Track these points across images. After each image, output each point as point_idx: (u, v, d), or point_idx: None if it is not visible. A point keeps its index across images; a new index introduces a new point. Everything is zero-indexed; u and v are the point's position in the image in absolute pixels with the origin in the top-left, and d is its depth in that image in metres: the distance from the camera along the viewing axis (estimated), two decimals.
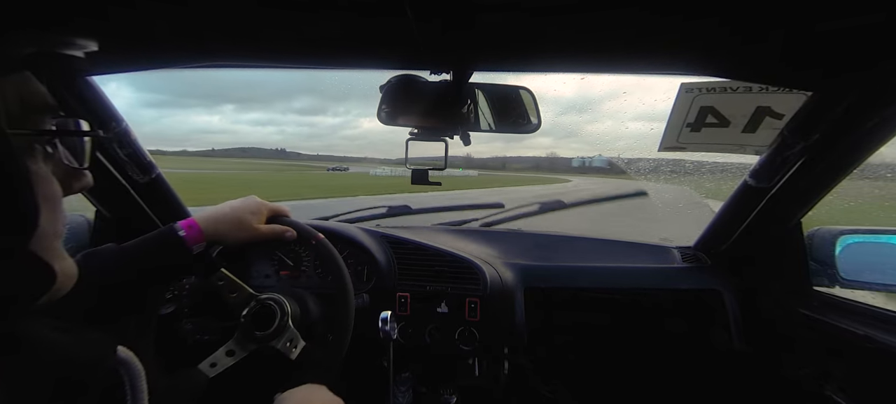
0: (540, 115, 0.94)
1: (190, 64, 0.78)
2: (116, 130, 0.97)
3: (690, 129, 0.95)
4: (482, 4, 0.51)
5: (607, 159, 73.62)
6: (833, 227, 1.07)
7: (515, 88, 0.92)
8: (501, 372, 1.20)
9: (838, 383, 0.95)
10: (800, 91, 0.81)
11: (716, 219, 1.20)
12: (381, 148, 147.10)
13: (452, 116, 0.87)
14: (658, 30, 0.58)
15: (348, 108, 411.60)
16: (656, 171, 1.73)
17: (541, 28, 0.59)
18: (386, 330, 0.95)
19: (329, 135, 34.46)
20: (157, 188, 1.14)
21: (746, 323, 1.17)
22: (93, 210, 1.16)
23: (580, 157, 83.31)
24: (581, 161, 79.39)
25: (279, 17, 0.58)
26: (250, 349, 0.83)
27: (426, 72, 0.76)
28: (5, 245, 0.37)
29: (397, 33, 0.61)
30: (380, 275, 1.12)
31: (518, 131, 0.97)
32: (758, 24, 0.54)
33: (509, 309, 1.14)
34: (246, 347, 0.82)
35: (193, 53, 0.74)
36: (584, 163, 71.85)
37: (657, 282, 1.26)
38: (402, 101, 0.86)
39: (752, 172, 1.00)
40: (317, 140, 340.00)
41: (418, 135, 0.90)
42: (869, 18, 0.51)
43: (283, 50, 0.72)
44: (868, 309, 0.95)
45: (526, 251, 1.34)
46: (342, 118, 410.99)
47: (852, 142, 0.83)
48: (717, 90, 0.87)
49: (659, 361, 1.37)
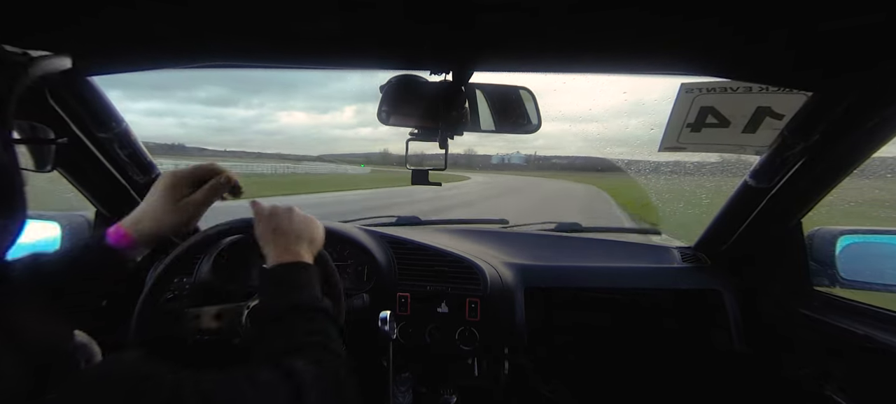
0: (540, 115, 0.93)
1: (190, 64, 0.78)
2: (116, 130, 0.97)
3: (690, 130, 0.95)
4: (482, 5, 0.51)
5: (524, 156, 72.36)
6: (833, 227, 1.07)
7: (515, 88, 0.91)
8: (501, 372, 1.20)
9: (838, 383, 0.95)
10: (800, 91, 0.81)
11: (716, 219, 1.20)
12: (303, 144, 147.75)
13: (452, 116, 0.86)
14: (658, 30, 0.58)
15: (264, 101, 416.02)
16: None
17: (541, 28, 0.59)
18: (385, 329, 0.95)
19: (242, 130, 33.17)
20: None
21: (746, 324, 1.17)
22: (93, 210, 1.16)
23: (499, 155, 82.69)
24: (500, 158, 79.00)
25: (279, 18, 0.59)
26: (235, 328, 0.81)
27: (426, 72, 0.76)
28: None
29: (398, 33, 0.61)
30: (380, 275, 1.12)
31: (518, 131, 0.97)
32: (758, 24, 0.54)
33: (509, 309, 1.14)
34: (231, 326, 0.81)
35: (193, 53, 0.74)
36: (503, 160, 71.43)
37: (657, 283, 1.26)
38: (402, 101, 0.86)
39: (752, 172, 1.00)
40: (228, 134, 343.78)
41: (418, 135, 0.90)
42: (869, 18, 0.51)
43: (283, 50, 0.72)
44: (868, 309, 0.95)
45: (526, 251, 1.34)
46: (256, 111, 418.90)
47: (852, 142, 0.83)
48: (718, 90, 0.87)
49: (659, 361, 1.36)
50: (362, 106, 54.98)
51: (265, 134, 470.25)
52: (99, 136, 0.95)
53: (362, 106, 54.98)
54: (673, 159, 1.32)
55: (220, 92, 26.08)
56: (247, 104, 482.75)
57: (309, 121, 27.45)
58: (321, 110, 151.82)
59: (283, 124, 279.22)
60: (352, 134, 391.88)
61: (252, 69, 0.91)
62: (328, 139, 43.16)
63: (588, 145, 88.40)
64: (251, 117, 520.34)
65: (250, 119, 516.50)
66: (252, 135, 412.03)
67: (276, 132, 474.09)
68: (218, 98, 27.54)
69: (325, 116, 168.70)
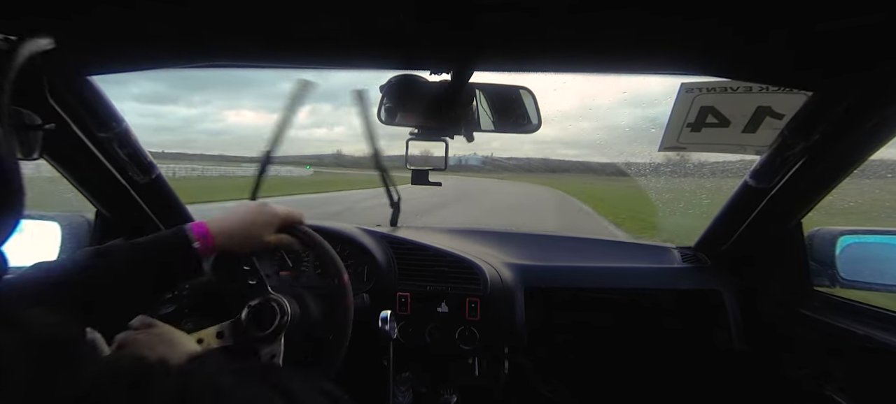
0: (540, 115, 0.94)
1: (190, 64, 0.78)
2: (116, 130, 0.97)
3: (691, 129, 0.95)
4: (482, 4, 0.51)
5: (481, 158, 73.42)
6: (833, 227, 1.07)
7: (516, 88, 0.92)
8: (501, 371, 1.20)
9: (838, 383, 0.95)
10: (800, 91, 0.81)
11: (716, 219, 1.20)
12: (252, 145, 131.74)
13: (453, 116, 0.87)
14: (658, 30, 0.58)
15: (208, 98, 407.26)
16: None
17: (541, 28, 0.59)
18: (386, 329, 0.95)
19: (184, 129, 33.09)
20: (157, 188, 1.14)
21: (746, 324, 1.17)
22: (93, 210, 1.16)
23: (457, 156, 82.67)
24: (457, 160, 79.30)
25: (279, 18, 0.59)
26: (237, 341, 0.82)
27: (426, 71, 0.76)
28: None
29: (398, 33, 0.61)
30: (380, 274, 1.12)
31: (518, 131, 0.97)
32: (758, 24, 0.54)
33: (509, 309, 1.14)
34: (235, 338, 0.81)
35: (193, 53, 0.75)
36: (461, 162, 71.44)
37: (657, 283, 1.26)
38: (402, 101, 0.86)
39: (752, 173, 1.00)
40: (167, 134, 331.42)
41: (418, 135, 0.90)
42: (869, 18, 0.51)
43: (283, 50, 0.72)
44: (868, 309, 0.95)
45: (526, 251, 1.34)
46: (200, 109, 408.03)
47: (852, 142, 0.83)
48: (718, 90, 0.87)
49: (659, 361, 1.36)
50: (317, 106, 53.73)
51: (210, 133, 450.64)
52: (99, 136, 0.95)
53: (317, 106, 53.73)
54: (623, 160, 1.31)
55: (157, 88, 25.13)
56: (188, 102, 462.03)
57: (259, 120, 26.71)
58: (272, 109, 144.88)
59: (231, 124, 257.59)
60: (306, 134, 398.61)
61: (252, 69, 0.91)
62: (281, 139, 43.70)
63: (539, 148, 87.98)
64: (194, 116, 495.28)
65: (193, 118, 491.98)
66: (195, 135, 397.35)
67: (222, 132, 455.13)
68: (154, 95, 26.64)
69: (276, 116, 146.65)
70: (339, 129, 38.09)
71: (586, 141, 49.84)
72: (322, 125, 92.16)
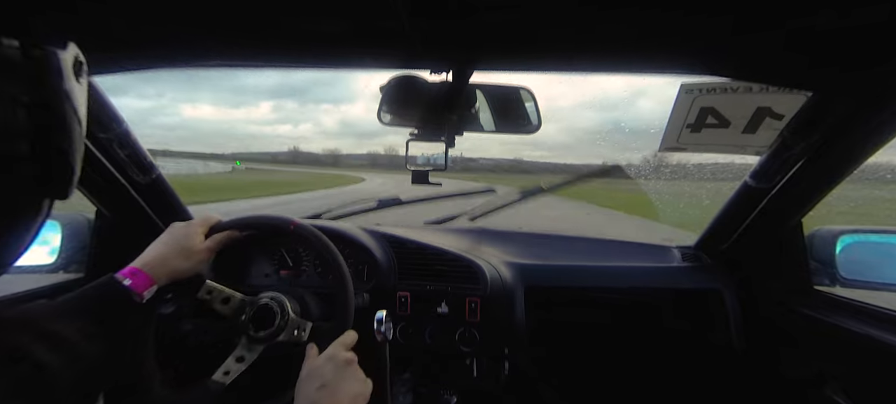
0: (540, 115, 0.94)
1: (190, 64, 0.78)
2: (117, 131, 0.97)
3: (690, 130, 0.95)
4: (483, 4, 0.51)
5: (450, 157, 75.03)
6: (833, 227, 1.07)
7: (516, 88, 0.91)
8: (501, 372, 1.20)
9: (838, 383, 0.95)
10: (800, 91, 0.81)
11: (716, 218, 1.20)
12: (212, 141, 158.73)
13: (453, 116, 0.87)
14: (658, 29, 0.58)
15: (161, 91, 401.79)
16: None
17: (541, 28, 0.59)
18: (381, 330, 0.95)
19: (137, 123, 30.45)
20: (157, 188, 1.15)
21: (747, 323, 1.18)
22: (93, 210, 1.16)
23: (425, 155, 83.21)
24: (425, 159, 79.38)
25: (279, 18, 0.59)
26: (259, 351, 0.83)
27: (426, 71, 0.76)
28: None
29: (398, 33, 0.61)
30: (380, 274, 1.12)
31: (519, 131, 0.97)
32: (758, 24, 0.54)
33: (510, 308, 1.14)
34: (254, 350, 0.82)
35: (193, 53, 0.75)
36: (429, 161, 71.56)
37: (657, 282, 1.26)
38: (402, 101, 0.86)
39: (752, 173, 1.00)
40: None
41: (419, 136, 0.90)
42: (869, 18, 0.51)
43: (283, 50, 0.72)
44: (868, 309, 0.95)
45: (526, 251, 1.34)
46: (153, 102, 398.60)
47: (853, 143, 0.83)
48: (718, 90, 0.87)
49: (659, 361, 1.37)
50: (280, 102, 53.16)
51: (165, 128, 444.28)
52: (99, 137, 0.96)
53: (280, 102, 53.16)
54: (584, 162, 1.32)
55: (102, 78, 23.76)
56: (140, 93, 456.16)
57: (218, 115, 25.50)
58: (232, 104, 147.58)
59: (187, 118, 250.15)
60: (269, 130, 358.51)
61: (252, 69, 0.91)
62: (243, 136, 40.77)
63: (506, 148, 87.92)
64: (147, 109, 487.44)
65: (146, 111, 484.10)
66: (150, 130, 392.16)
67: (177, 127, 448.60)
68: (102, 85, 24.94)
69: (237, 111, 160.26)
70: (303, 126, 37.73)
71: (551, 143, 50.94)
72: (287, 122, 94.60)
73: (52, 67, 0.37)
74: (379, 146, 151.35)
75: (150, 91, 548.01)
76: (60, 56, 0.38)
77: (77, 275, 1.14)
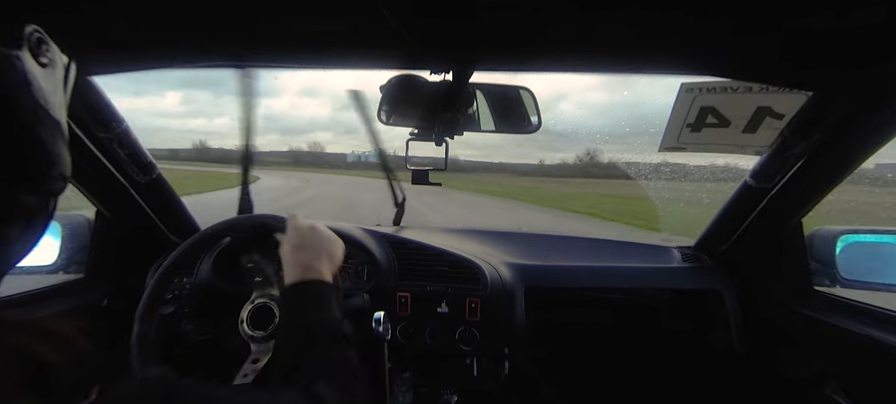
0: (540, 115, 0.93)
1: (190, 64, 0.78)
2: (117, 130, 0.97)
3: (691, 130, 0.95)
4: (483, 4, 0.51)
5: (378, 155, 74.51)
6: (833, 227, 1.07)
7: (515, 88, 0.92)
8: (501, 372, 1.20)
9: (838, 383, 0.95)
10: (800, 91, 0.81)
11: (716, 219, 1.20)
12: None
13: (453, 116, 0.87)
14: (658, 29, 0.58)
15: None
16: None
17: (541, 28, 0.59)
18: (379, 331, 0.95)
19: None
20: (157, 188, 1.15)
21: (747, 323, 1.17)
22: (93, 210, 1.16)
23: (355, 153, 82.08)
24: (356, 156, 78.14)
25: (280, 18, 0.59)
26: (271, 347, 0.83)
27: (426, 71, 0.76)
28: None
29: (398, 33, 0.61)
30: (380, 274, 1.12)
31: (518, 131, 0.97)
32: (758, 24, 0.54)
33: (509, 309, 1.14)
34: (266, 349, 0.83)
35: (193, 53, 0.75)
36: (360, 159, 70.51)
37: (657, 282, 1.26)
38: (402, 101, 0.86)
39: (752, 172, 1.00)
40: None
41: (418, 136, 0.90)
42: (869, 18, 0.51)
43: (283, 50, 0.72)
44: (868, 309, 0.95)
45: (526, 251, 1.34)
46: None
47: (852, 143, 0.83)
48: (718, 90, 0.87)
49: (659, 361, 1.36)
50: (189, 93, 48.87)
51: None
52: (99, 136, 0.96)
53: (189, 93, 48.87)
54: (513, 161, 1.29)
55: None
56: None
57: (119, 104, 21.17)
58: (134, 93, 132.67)
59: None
60: (178, 124, 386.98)
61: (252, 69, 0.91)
62: (150, 128, 38.29)
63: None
64: None
65: None
66: None
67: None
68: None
69: (139, 100, 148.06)
70: (220, 120, 35.89)
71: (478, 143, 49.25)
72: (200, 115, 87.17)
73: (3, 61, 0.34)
74: (303, 143, 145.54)
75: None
76: (14, 45, 0.35)
77: (77, 276, 1.14)
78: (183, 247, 0.88)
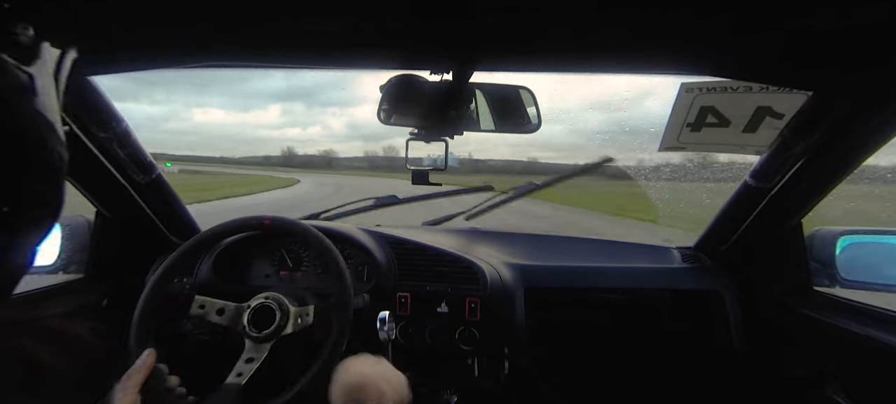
0: (540, 115, 0.94)
1: (190, 64, 0.78)
2: (117, 130, 0.97)
3: (690, 129, 0.95)
4: (483, 4, 0.51)
5: (458, 159, 74.41)
6: (833, 227, 1.07)
7: (515, 88, 0.92)
8: (501, 372, 1.20)
9: (838, 383, 0.95)
10: (800, 91, 0.81)
11: (716, 219, 1.20)
12: (223, 145, 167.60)
13: (453, 116, 0.86)
14: (659, 29, 0.58)
15: (171, 96, 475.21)
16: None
17: (541, 27, 0.59)
18: (384, 330, 0.95)
19: (149, 128, 31.57)
20: (157, 188, 1.14)
21: (747, 324, 1.17)
22: (93, 210, 1.16)
23: (431, 157, 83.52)
24: (432, 161, 79.15)
25: (279, 18, 0.58)
26: (267, 349, 0.83)
27: (426, 71, 0.76)
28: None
29: (398, 33, 0.61)
30: (380, 275, 1.12)
31: (518, 131, 0.97)
32: (759, 23, 0.54)
33: (509, 309, 1.14)
34: (262, 349, 0.83)
35: (193, 53, 0.74)
36: (436, 163, 71.07)
37: (657, 283, 1.26)
38: (402, 101, 0.86)
39: (752, 172, 1.00)
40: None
41: (418, 135, 0.90)
42: (869, 19, 0.51)
43: (283, 50, 0.72)
44: (868, 309, 0.95)
45: (526, 251, 1.34)
46: (165, 107, 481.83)
47: (853, 143, 0.83)
48: (718, 90, 0.87)
49: (659, 361, 1.36)
50: (288, 105, 51.65)
51: (177, 133, 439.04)
52: (99, 136, 0.95)
53: (288, 105, 51.65)
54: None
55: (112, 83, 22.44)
56: (150, 99, 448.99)
57: (229, 119, 24.87)
58: (242, 108, 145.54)
59: (198, 123, 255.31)
60: (278, 134, 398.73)
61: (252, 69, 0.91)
62: (253, 140, 40.00)
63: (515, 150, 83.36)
64: (158, 114, 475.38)
65: (158, 116, 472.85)
66: (163, 135, 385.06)
67: (189, 132, 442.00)
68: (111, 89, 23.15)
69: (247, 115, 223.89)
70: (313, 129, 37.34)
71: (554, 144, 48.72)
72: (296, 125, 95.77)
73: None
74: (379, 148, 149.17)
75: (159, 96, 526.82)
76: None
77: (77, 276, 1.14)
78: (182, 248, 0.88)
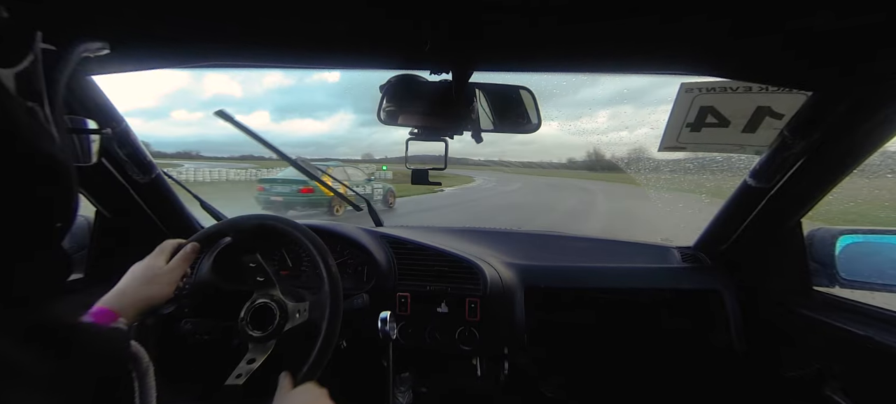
0: (540, 115, 0.94)
1: (190, 64, 0.78)
2: (117, 130, 0.97)
3: (690, 129, 0.95)
4: (484, 4, 0.51)
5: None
6: (833, 227, 1.07)
7: (515, 88, 0.91)
8: (501, 372, 1.20)
9: (838, 383, 0.95)
10: (800, 91, 0.81)
11: (716, 219, 1.20)
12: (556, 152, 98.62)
13: (453, 116, 0.87)
14: (658, 30, 0.58)
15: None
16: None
17: (541, 28, 0.59)
18: (385, 330, 0.95)
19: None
20: (157, 188, 1.14)
21: (746, 324, 1.18)
22: (93, 210, 1.16)
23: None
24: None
25: (280, 18, 0.59)
26: (269, 349, 0.83)
27: (426, 71, 0.76)
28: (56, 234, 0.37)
29: (398, 33, 0.61)
30: (380, 275, 1.12)
31: (518, 131, 0.97)
32: (758, 24, 0.54)
33: (509, 309, 1.14)
34: (264, 349, 0.83)
35: (194, 53, 0.75)
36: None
37: (657, 282, 1.26)
38: (402, 101, 0.86)
39: (752, 172, 1.00)
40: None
41: (418, 135, 0.90)
42: (869, 18, 0.51)
43: (284, 50, 0.72)
44: (868, 309, 0.95)
45: (526, 251, 1.34)
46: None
47: (852, 142, 0.83)
48: (717, 90, 0.87)
49: (659, 361, 1.36)
50: (618, 109, 46.26)
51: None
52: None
53: (618, 109, 46.26)
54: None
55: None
56: None
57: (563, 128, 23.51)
58: (573, 117, 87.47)
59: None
60: (605, 139, 65.78)
61: (253, 69, 0.91)
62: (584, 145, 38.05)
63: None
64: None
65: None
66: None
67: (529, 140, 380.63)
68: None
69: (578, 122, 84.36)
70: (640, 131, 33.93)
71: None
72: (622, 129, 65.36)
73: None
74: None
75: None
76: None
77: (77, 276, 1.14)
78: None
